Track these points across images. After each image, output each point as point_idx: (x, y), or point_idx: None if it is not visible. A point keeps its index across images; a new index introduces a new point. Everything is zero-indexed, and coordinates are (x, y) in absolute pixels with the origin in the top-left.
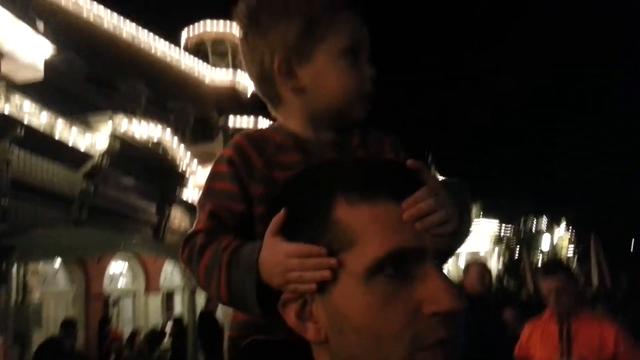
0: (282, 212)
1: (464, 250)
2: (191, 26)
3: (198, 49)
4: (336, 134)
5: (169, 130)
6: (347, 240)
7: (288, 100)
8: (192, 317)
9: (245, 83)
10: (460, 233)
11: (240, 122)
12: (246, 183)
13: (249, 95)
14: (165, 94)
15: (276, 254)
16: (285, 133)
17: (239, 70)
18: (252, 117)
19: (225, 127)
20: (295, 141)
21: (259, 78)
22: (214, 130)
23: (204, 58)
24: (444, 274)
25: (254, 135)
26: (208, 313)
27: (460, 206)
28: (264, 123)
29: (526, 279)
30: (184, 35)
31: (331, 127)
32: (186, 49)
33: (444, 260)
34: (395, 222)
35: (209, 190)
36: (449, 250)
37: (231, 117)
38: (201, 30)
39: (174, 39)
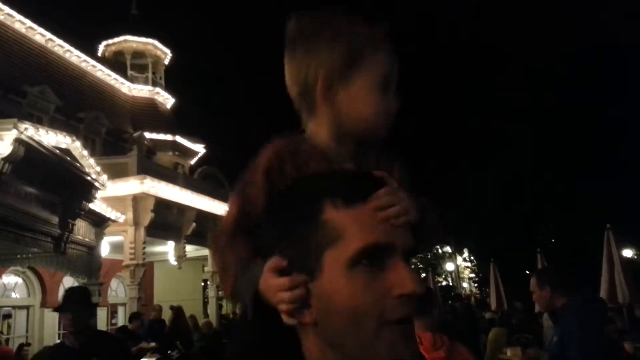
0: (278, 259)
1: None
2: (110, 40)
3: (116, 60)
4: (355, 148)
5: (77, 140)
6: (334, 237)
7: (321, 114)
8: None
9: (165, 99)
10: (423, 232)
11: (157, 137)
12: (276, 188)
13: (168, 110)
14: (77, 102)
15: (269, 286)
16: (315, 146)
17: (158, 87)
18: (169, 135)
19: (140, 141)
20: (322, 152)
21: (301, 89)
22: (128, 144)
23: (122, 69)
24: (409, 265)
25: (289, 145)
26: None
27: (420, 207)
28: (181, 140)
29: (437, 301)
30: (103, 44)
31: (352, 142)
32: (104, 58)
33: (412, 257)
34: (371, 223)
35: (243, 190)
36: (415, 248)
37: (147, 132)
38: (121, 40)
39: (91, 49)
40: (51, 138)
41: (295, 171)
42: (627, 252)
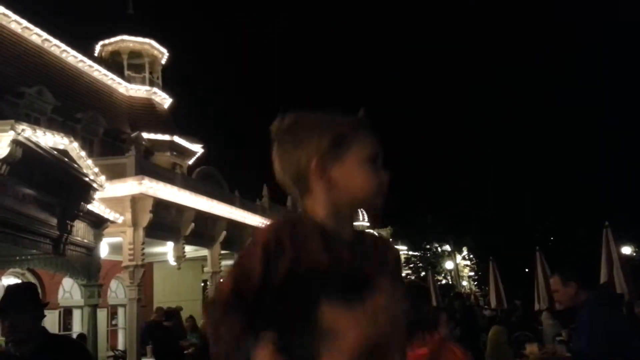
0: (273, 349)
1: None
2: (107, 40)
3: (113, 60)
4: (353, 233)
5: (75, 141)
6: (330, 334)
7: (317, 194)
8: (93, 334)
9: (162, 98)
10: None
11: (155, 137)
12: (274, 262)
13: (165, 110)
14: (74, 103)
15: None
16: (313, 224)
17: (155, 87)
18: (167, 135)
19: (138, 141)
20: (321, 234)
21: (295, 175)
22: (126, 144)
23: (119, 69)
24: None
25: (289, 224)
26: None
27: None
28: (179, 140)
29: (431, 298)
30: (99, 44)
31: (349, 218)
32: (100, 58)
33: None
34: (367, 322)
35: (241, 262)
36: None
37: (145, 132)
38: (117, 40)
39: (88, 50)
40: (49, 139)
41: (293, 250)
42: (626, 250)
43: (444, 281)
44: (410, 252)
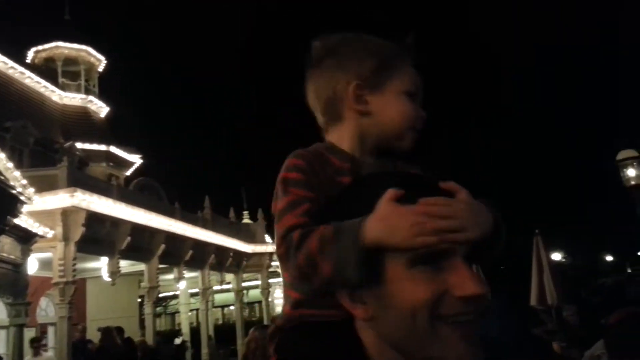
0: (396, 190)
1: None
2: (41, 46)
3: (47, 67)
4: (380, 160)
5: (2, 151)
6: None
7: (347, 122)
8: (18, 355)
9: (99, 107)
10: (492, 245)
11: (90, 147)
12: (316, 190)
13: (102, 119)
14: (3, 111)
15: (400, 211)
16: (340, 155)
17: (91, 95)
18: (103, 145)
19: (71, 151)
20: (351, 164)
21: (328, 100)
22: (58, 154)
23: (53, 77)
24: (468, 265)
25: (315, 153)
26: None
27: (490, 220)
28: (116, 151)
29: None
30: (32, 50)
31: (375, 153)
32: (33, 65)
33: (475, 260)
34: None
35: (288, 192)
36: (480, 254)
37: (79, 142)
38: (52, 46)
39: (20, 55)
40: None
41: (326, 178)
42: (556, 256)
43: None
44: None
